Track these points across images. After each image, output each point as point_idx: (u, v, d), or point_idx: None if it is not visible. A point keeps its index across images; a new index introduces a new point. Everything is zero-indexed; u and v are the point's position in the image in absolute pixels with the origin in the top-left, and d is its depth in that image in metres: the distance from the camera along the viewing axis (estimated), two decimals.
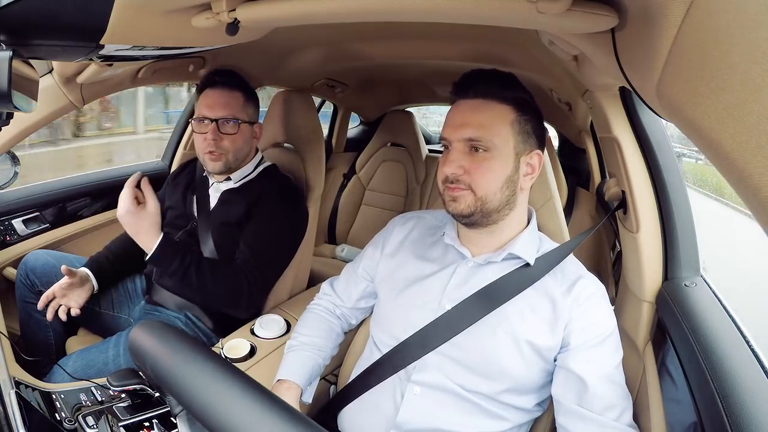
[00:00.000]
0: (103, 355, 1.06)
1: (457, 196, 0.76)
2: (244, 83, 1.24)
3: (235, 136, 1.18)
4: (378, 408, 0.82)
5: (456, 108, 0.79)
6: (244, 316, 1.18)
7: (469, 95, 0.77)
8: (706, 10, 0.32)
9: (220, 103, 1.17)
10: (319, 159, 1.43)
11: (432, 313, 0.79)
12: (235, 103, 1.19)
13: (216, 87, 1.19)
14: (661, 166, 0.82)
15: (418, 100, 2.62)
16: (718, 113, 0.31)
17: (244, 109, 1.21)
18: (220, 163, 1.17)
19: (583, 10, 0.48)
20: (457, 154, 0.76)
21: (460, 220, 0.79)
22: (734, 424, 0.49)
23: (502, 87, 0.77)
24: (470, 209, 0.75)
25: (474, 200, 0.75)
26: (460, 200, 0.76)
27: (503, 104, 0.76)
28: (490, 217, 0.77)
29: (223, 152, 1.17)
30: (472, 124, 0.75)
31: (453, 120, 0.78)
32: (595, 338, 0.72)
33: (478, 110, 0.76)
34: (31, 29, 0.57)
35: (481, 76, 0.78)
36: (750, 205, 0.31)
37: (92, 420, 0.81)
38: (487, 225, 0.79)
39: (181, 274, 1.06)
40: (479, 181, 0.74)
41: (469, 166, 0.75)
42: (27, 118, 1.09)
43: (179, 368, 0.41)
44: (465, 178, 0.75)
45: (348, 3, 0.57)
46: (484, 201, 0.75)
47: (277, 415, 0.35)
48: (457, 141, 0.76)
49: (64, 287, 1.13)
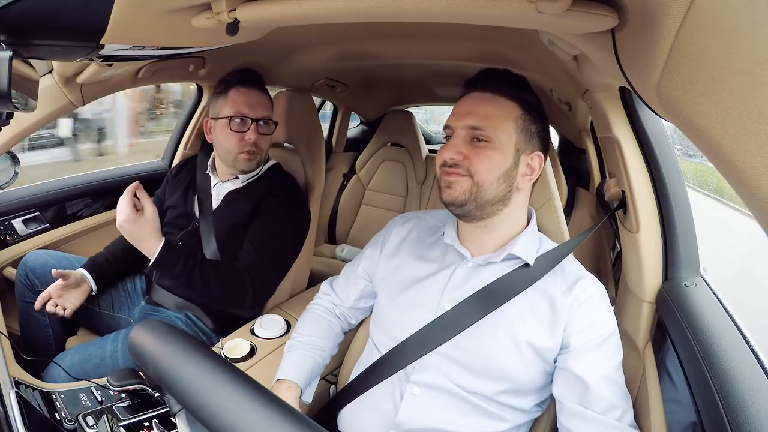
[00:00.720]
0: (100, 350, 1.06)
1: (453, 182, 0.76)
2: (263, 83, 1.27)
3: (269, 136, 1.23)
4: (377, 408, 0.82)
5: (464, 99, 0.80)
6: (249, 315, 1.19)
7: (479, 89, 0.79)
8: (706, 10, 0.32)
9: (261, 103, 1.20)
10: (319, 159, 1.44)
11: (431, 314, 0.79)
12: (269, 104, 1.24)
13: (249, 86, 1.20)
14: (661, 166, 0.82)
15: (418, 100, 2.62)
16: (718, 113, 0.31)
17: (272, 110, 1.25)
18: (254, 162, 1.21)
19: (583, 10, 0.48)
20: (459, 141, 0.76)
21: (453, 210, 0.79)
22: (734, 424, 0.49)
23: (512, 86, 0.78)
24: (465, 196, 0.75)
25: (470, 186, 0.75)
26: (455, 186, 0.75)
27: (510, 101, 0.77)
28: (483, 210, 0.77)
29: (259, 152, 1.20)
30: (476, 114, 0.76)
31: (459, 109, 0.79)
32: (596, 339, 0.72)
33: (485, 102, 0.77)
34: (31, 29, 0.57)
35: (493, 74, 0.80)
36: (750, 205, 0.31)
37: (92, 420, 0.81)
38: (480, 218, 0.79)
39: (185, 277, 1.06)
40: (478, 166, 0.75)
41: (468, 152, 0.75)
42: (27, 118, 1.09)
43: (179, 368, 0.41)
44: (464, 163, 0.75)
45: (348, 3, 0.57)
46: (480, 188, 0.75)
47: (277, 414, 0.35)
48: (460, 128, 0.77)
49: (59, 288, 1.14)
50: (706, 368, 0.58)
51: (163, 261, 1.05)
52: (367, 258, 0.97)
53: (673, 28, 0.36)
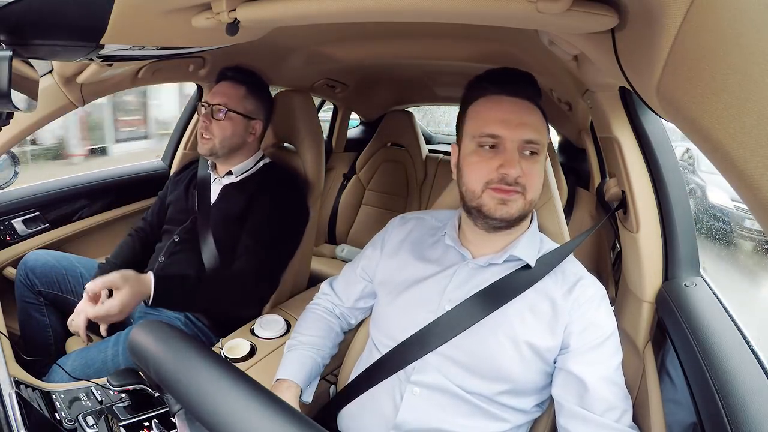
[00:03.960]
0: (102, 354, 1.06)
1: (510, 200, 0.72)
2: (252, 80, 1.30)
3: (223, 123, 1.23)
4: (377, 408, 0.82)
5: (504, 105, 0.74)
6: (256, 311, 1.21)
7: (519, 95, 0.75)
8: (707, 10, 0.32)
9: (219, 92, 1.25)
10: (319, 159, 1.44)
11: (432, 314, 0.79)
12: (233, 94, 1.25)
13: (225, 79, 1.27)
14: (661, 166, 0.82)
15: (418, 100, 2.62)
16: (718, 113, 0.31)
17: (241, 102, 1.26)
18: (208, 147, 1.24)
19: (583, 10, 0.48)
20: (516, 155, 0.72)
21: (497, 224, 0.75)
22: (734, 424, 0.49)
23: (538, 94, 0.77)
24: (520, 213, 0.73)
25: (524, 204, 0.73)
26: (512, 204, 0.72)
27: (539, 109, 0.76)
28: (520, 221, 0.77)
29: (211, 136, 1.23)
30: (531, 126, 0.73)
31: (508, 117, 0.72)
32: (595, 340, 0.72)
33: (531, 113, 0.74)
34: (31, 29, 0.57)
35: (527, 78, 0.77)
36: (750, 205, 0.31)
37: (92, 420, 0.81)
38: (509, 227, 0.77)
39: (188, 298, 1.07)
40: (532, 184, 0.73)
41: (526, 168, 0.72)
42: (27, 118, 1.09)
43: (179, 368, 0.41)
44: (522, 180, 0.72)
45: (348, 3, 0.57)
46: (531, 205, 0.74)
47: (277, 414, 0.35)
48: (514, 140, 0.72)
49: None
50: (706, 368, 0.58)
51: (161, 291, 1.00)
52: (367, 258, 0.97)
53: (673, 28, 0.36)
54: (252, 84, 1.28)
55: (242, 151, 1.30)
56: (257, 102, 1.29)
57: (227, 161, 1.29)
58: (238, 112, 1.24)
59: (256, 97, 1.29)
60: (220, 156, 1.27)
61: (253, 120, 1.28)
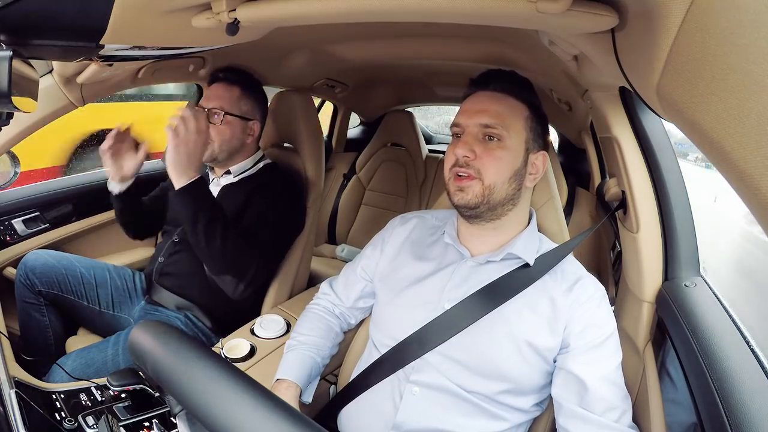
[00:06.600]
0: (102, 354, 1.06)
1: (465, 186, 0.75)
2: (245, 80, 1.28)
3: (220, 127, 1.21)
4: (377, 408, 0.82)
5: (473, 97, 0.79)
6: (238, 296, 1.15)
7: (489, 88, 0.79)
8: (706, 11, 0.32)
9: (214, 95, 1.23)
10: (319, 159, 1.44)
11: (431, 313, 0.79)
12: (228, 96, 1.23)
13: (218, 81, 1.25)
14: (661, 166, 0.82)
15: (418, 100, 2.62)
16: (718, 113, 0.31)
17: (236, 104, 1.24)
18: (207, 153, 1.21)
19: (583, 10, 0.48)
20: (470, 138, 0.75)
21: (464, 212, 0.78)
22: (734, 424, 0.49)
23: (521, 87, 0.79)
24: (477, 200, 0.75)
25: (482, 189, 0.74)
26: (468, 190, 0.75)
27: (519, 101, 0.78)
28: (494, 211, 0.77)
29: (209, 141, 1.19)
30: (489, 112, 0.75)
31: (470, 107, 0.78)
32: (595, 340, 0.72)
33: (497, 101, 0.77)
34: (31, 29, 0.57)
35: (501, 74, 0.80)
36: (750, 205, 0.31)
37: (92, 420, 0.81)
38: (490, 220, 0.79)
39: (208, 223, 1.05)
40: (489, 168, 0.74)
41: (480, 152, 0.75)
42: (27, 118, 1.09)
43: (179, 368, 0.41)
44: (475, 163, 0.74)
45: (348, 3, 0.57)
46: (492, 191, 0.75)
47: (277, 414, 0.35)
48: (472, 126, 0.76)
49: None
50: (706, 368, 0.58)
51: (193, 191, 1.05)
52: (367, 258, 0.97)
53: (673, 28, 0.36)
54: (245, 83, 1.27)
55: (241, 153, 1.29)
56: (252, 102, 1.28)
57: (226, 163, 1.29)
58: (234, 114, 1.23)
59: (250, 97, 1.28)
60: (221, 160, 1.26)
61: (251, 121, 1.28)
